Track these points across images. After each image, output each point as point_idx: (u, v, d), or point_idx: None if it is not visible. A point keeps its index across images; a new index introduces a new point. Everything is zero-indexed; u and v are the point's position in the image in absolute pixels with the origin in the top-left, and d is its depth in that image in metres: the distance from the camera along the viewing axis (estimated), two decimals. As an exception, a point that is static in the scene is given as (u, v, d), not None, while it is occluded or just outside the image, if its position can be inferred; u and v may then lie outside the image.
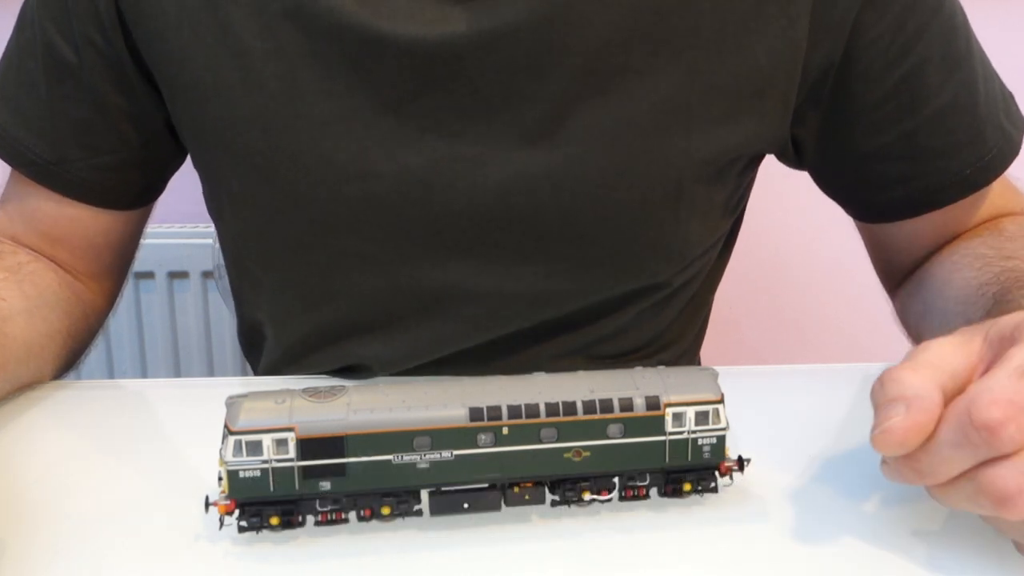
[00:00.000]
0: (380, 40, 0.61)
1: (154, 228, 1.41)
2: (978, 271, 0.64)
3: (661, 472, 0.48)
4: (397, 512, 0.47)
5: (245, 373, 1.42)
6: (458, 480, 0.47)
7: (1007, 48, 0.87)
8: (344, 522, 0.48)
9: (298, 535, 0.47)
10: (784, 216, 1.43)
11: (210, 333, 1.46)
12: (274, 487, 0.45)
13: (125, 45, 0.66)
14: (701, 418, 0.47)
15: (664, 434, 0.47)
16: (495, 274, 0.65)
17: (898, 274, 0.77)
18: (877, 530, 0.48)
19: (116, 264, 0.77)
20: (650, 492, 0.49)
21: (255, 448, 0.45)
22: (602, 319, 0.69)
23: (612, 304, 0.68)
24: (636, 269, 0.67)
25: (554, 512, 0.49)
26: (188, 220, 1.41)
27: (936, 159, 0.68)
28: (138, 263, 1.42)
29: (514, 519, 0.49)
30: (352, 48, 0.62)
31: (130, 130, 0.69)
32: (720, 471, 0.49)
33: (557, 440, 0.46)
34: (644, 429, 0.47)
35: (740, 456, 0.50)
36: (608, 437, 0.47)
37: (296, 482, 0.45)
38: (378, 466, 0.46)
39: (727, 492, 0.50)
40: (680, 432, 0.47)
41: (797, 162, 0.72)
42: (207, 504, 0.46)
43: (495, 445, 0.46)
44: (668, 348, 0.75)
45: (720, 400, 0.48)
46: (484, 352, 0.68)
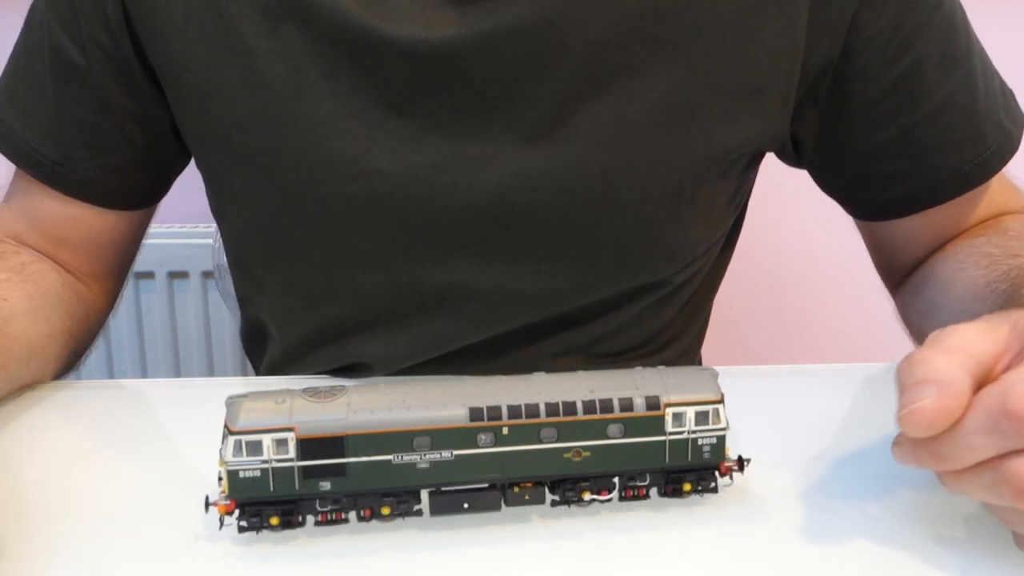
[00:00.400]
0: (382, 42, 0.61)
1: (154, 228, 1.40)
2: (985, 269, 0.64)
3: (661, 472, 0.48)
4: (397, 512, 0.47)
5: (245, 373, 1.42)
6: (458, 480, 0.47)
7: (1007, 48, 0.87)
8: (344, 522, 0.48)
9: (298, 535, 0.47)
10: (784, 216, 1.43)
11: (210, 333, 1.46)
12: (274, 487, 0.45)
13: (132, 47, 0.66)
14: (701, 418, 0.47)
15: (664, 434, 0.47)
16: (496, 272, 0.66)
17: (899, 273, 0.77)
18: (877, 530, 0.48)
19: (118, 264, 0.77)
20: (650, 492, 0.49)
21: (255, 448, 0.45)
22: (603, 317, 0.69)
23: (613, 302, 0.69)
24: (637, 267, 0.67)
25: (554, 512, 0.49)
26: (188, 220, 1.41)
27: (935, 156, 0.68)
28: (138, 263, 1.42)
29: (514, 519, 0.49)
30: (355, 49, 0.62)
31: (136, 131, 0.70)
32: (720, 471, 0.49)
33: (557, 440, 0.46)
34: (644, 429, 0.47)
35: (740, 456, 0.50)
36: (608, 437, 0.47)
37: (296, 482, 0.45)
38: (378, 466, 0.46)
39: (727, 492, 0.50)
40: (680, 432, 0.47)
41: (796, 160, 0.72)
42: (207, 504, 0.46)
43: (495, 445, 0.46)
44: (669, 347, 0.75)
45: (720, 400, 0.48)
46: (485, 350, 0.68)
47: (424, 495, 0.47)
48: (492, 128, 0.63)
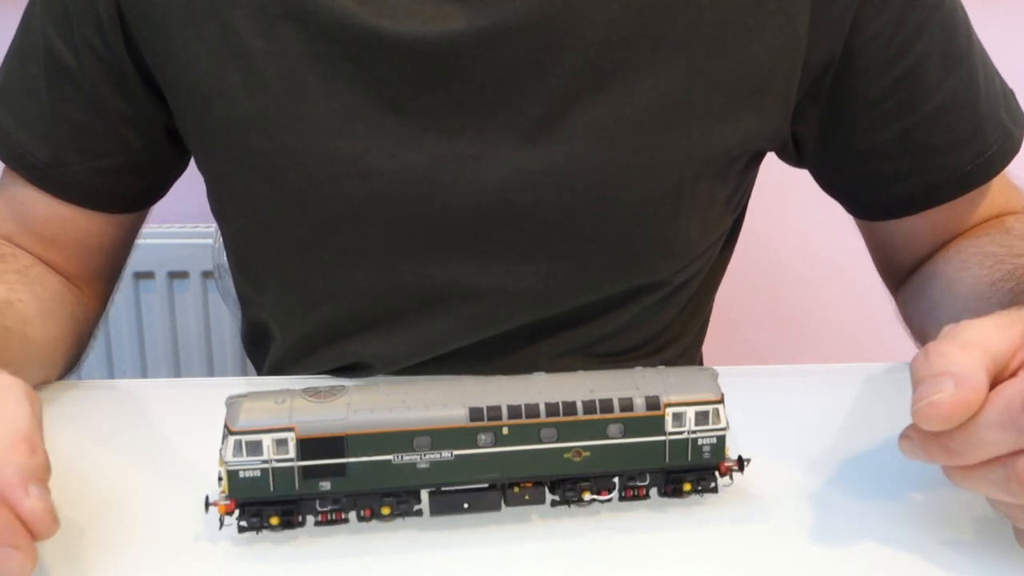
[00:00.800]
0: (380, 39, 0.61)
1: (154, 228, 1.42)
2: (989, 269, 0.64)
3: (661, 472, 0.48)
4: (397, 512, 0.47)
5: (245, 373, 1.42)
6: (458, 480, 0.47)
7: (1007, 48, 0.87)
8: (344, 522, 0.48)
9: (298, 535, 0.47)
10: (785, 216, 1.43)
11: (210, 333, 1.46)
12: (274, 487, 0.45)
13: (126, 49, 0.66)
14: (701, 418, 0.47)
15: (664, 434, 0.47)
16: (496, 272, 0.66)
17: (900, 272, 0.77)
18: (877, 530, 0.48)
19: (109, 267, 0.77)
20: (650, 492, 0.49)
21: (255, 448, 0.45)
22: (603, 317, 0.69)
23: (613, 302, 0.69)
24: (637, 267, 0.67)
25: (554, 512, 0.49)
26: (188, 220, 1.41)
27: (936, 156, 0.68)
28: (138, 263, 1.42)
29: (514, 519, 0.49)
30: (353, 47, 0.62)
31: (129, 134, 0.69)
32: (720, 471, 0.49)
33: (557, 440, 0.46)
34: (644, 429, 0.47)
35: (740, 456, 0.50)
36: (608, 437, 0.47)
37: (296, 482, 0.45)
38: (378, 466, 0.46)
39: (727, 492, 0.50)
40: (680, 432, 0.47)
41: (797, 160, 0.72)
42: (207, 504, 0.46)
43: (495, 445, 0.46)
44: (669, 347, 0.75)
45: (720, 400, 0.48)
46: (485, 350, 0.68)
47: (424, 495, 0.47)
48: (491, 126, 0.63)
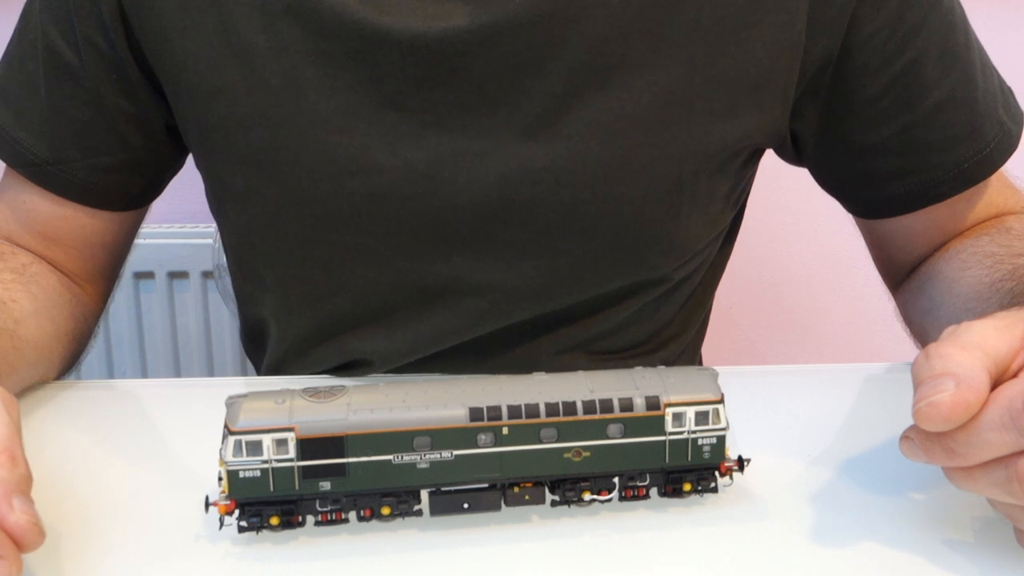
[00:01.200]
0: (382, 36, 0.61)
1: (154, 228, 1.42)
2: (989, 269, 0.64)
3: (661, 472, 0.48)
4: (397, 512, 0.47)
5: (245, 373, 1.42)
6: (458, 480, 0.47)
7: (1007, 48, 0.87)
8: (344, 522, 0.48)
9: (298, 535, 0.47)
10: (785, 216, 1.43)
11: (210, 333, 1.46)
12: (274, 487, 0.45)
13: (128, 46, 0.66)
14: (701, 418, 0.47)
15: (664, 434, 0.47)
16: (496, 268, 0.66)
17: (900, 271, 0.77)
18: (877, 530, 0.48)
19: (109, 265, 0.77)
20: (650, 492, 0.49)
21: (255, 448, 0.45)
22: (603, 313, 0.69)
23: (612, 298, 0.69)
24: (637, 262, 0.67)
25: (554, 512, 0.49)
26: (188, 220, 1.41)
27: (934, 153, 0.68)
28: (138, 263, 1.42)
29: (514, 519, 0.49)
30: (354, 45, 0.62)
31: (129, 131, 0.70)
32: (720, 471, 0.49)
33: (557, 440, 0.46)
34: (644, 429, 0.47)
35: (740, 456, 0.50)
36: (608, 437, 0.47)
37: (296, 482, 0.45)
38: (378, 466, 0.46)
39: (727, 492, 0.50)
40: (680, 432, 0.47)
41: (796, 158, 0.72)
42: (207, 504, 0.46)
43: (495, 445, 0.46)
44: (669, 344, 0.75)
45: (720, 400, 0.48)
46: (484, 347, 0.69)
47: (424, 495, 0.47)
48: (491, 123, 0.63)
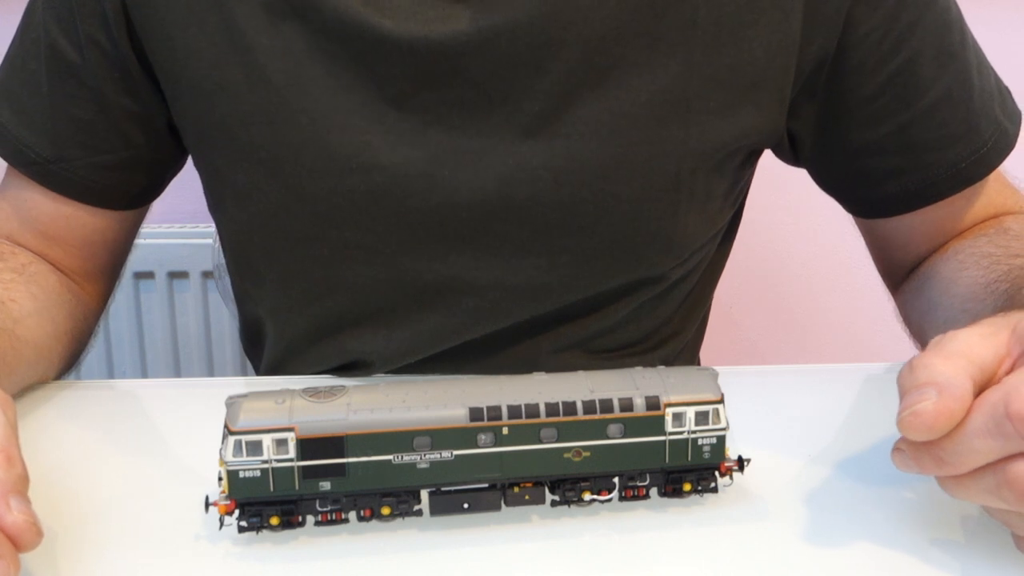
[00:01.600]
0: (383, 39, 0.62)
1: (154, 228, 1.42)
2: (986, 269, 0.64)
3: (661, 472, 0.48)
4: (397, 512, 0.47)
5: (245, 373, 1.42)
6: (458, 480, 0.47)
7: (1007, 48, 0.87)
8: (344, 522, 0.48)
9: (298, 535, 0.47)
10: (785, 216, 1.43)
11: (210, 333, 1.46)
12: (274, 487, 0.45)
13: (130, 44, 0.66)
14: (701, 418, 0.47)
15: (664, 434, 0.47)
16: (495, 266, 0.66)
17: (899, 271, 0.77)
18: (877, 530, 0.48)
19: (110, 264, 0.77)
20: (650, 492, 0.49)
21: (255, 448, 0.45)
22: (601, 311, 0.69)
23: (611, 296, 0.69)
24: (635, 261, 0.67)
25: (554, 512, 0.49)
26: (188, 220, 1.41)
27: (931, 152, 0.68)
28: (138, 263, 1.42)
29: (514, 519, 0.49)
30: (356, 46, 0.62)
31: (132, 130, 0.70)
32: (720, 471, 0.49)
33: (557, 440, 0.46)
34: (644, 429, 0.47)
35: (740, 456, 0.50)
36: (608, 437, 0.47)
37: (296, 482, 0.45)
38: (378, 466, 0.46)
39: (727, 492, 0.50)
40: (680, 432, 0.47)
41: (793, 157, 0.72)
42: (207, 504, 0.46)
43: (495, 445, 0.46)
44: (667, 343, 0.75)
45: (720, 400, 0.48)
46: (483, 346, 0.69)
47: (424, 495, 0.47)
48: (491, 122, 0.63)
